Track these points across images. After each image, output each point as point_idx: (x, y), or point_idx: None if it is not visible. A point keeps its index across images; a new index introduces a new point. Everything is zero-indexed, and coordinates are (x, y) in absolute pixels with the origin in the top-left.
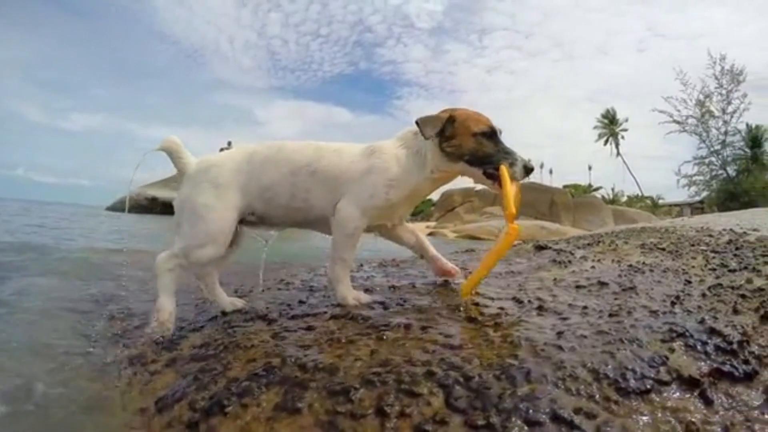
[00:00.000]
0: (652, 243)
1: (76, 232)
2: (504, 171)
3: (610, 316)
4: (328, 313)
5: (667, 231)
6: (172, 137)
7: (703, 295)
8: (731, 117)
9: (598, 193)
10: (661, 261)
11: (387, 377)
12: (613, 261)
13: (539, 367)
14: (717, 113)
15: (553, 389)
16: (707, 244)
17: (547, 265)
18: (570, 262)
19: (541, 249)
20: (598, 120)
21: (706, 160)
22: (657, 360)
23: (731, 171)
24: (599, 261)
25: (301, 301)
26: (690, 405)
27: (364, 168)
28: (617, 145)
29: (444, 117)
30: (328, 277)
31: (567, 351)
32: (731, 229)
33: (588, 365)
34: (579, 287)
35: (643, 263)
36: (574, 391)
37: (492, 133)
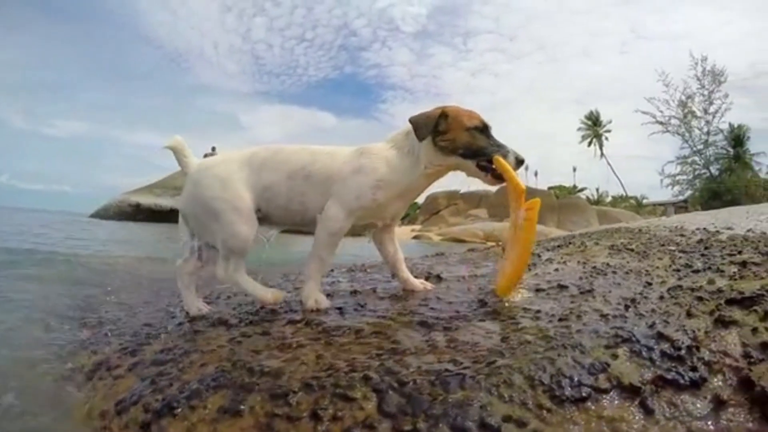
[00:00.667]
0: (622, 244)
1: (57, 238)
2: (500, 159)
3: (560, 320)
4: (286, 318)
5: (640, 231)
6: (177, 137)
7: (661, 297)
8: (713, 117)
9: (582, 194)
10: (627, 262)
11: (325, 382)
12: (578, 263)
13: (476, 373)
14: (699, 113)
15: (486, 396)
16: (677, 244)
17: None
18: (535, 264)
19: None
20: (582, 121)
21: (689, 160)
22: (597, 367)
23: (714, 170)
24: (565, 263)
25: (263, 307)
26: (628, 414)
27: (353, 169)
28: (601, 146)
29: (436, 114)
30: (302, 273)
31: (507, 356)
32: (704, 228)
33: (525, 371)
34: (539, 290)
35: (608, 265)
36: (507, 398)
37: (484, 128)
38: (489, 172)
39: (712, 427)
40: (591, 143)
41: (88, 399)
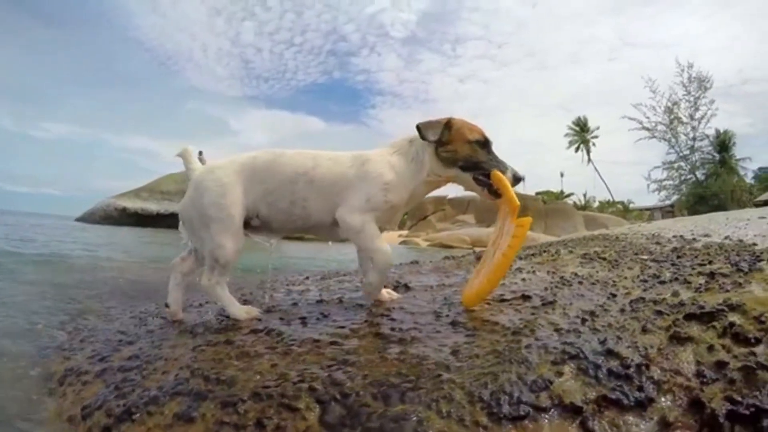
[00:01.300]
0: (595, 252)
1: (42, 241)
2: (497, 173)
3: (513, 334)
4: (250, 328)
5: (617, 239)
6: (186, 146)
7: (622, 310)
8: (699, 123)
9: (570, 200)
10: (597, 272)
11: (274, 391)
12: (548, 272)
13: (418, 387)
14: (685, 119)
15: (425, 410)
16: (651, 253)
17: None
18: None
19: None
20: (570, 127)
21: (675, 165)
22: (540, 384)
23: (700, 175)
24: (534, 272)
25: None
26: None
27: (359, 175)
28: (588, 152)
29: (443, 122)
30: (372, 269)
31: (453, 371)
32: (681, 236)
33: (467, 387)
34: (503, 301)
35: (576, 275)
36: (445, 414)
37: (485, 143)
38: (486, 187)
39: None
40: (578, 149)
41: (60, 403)
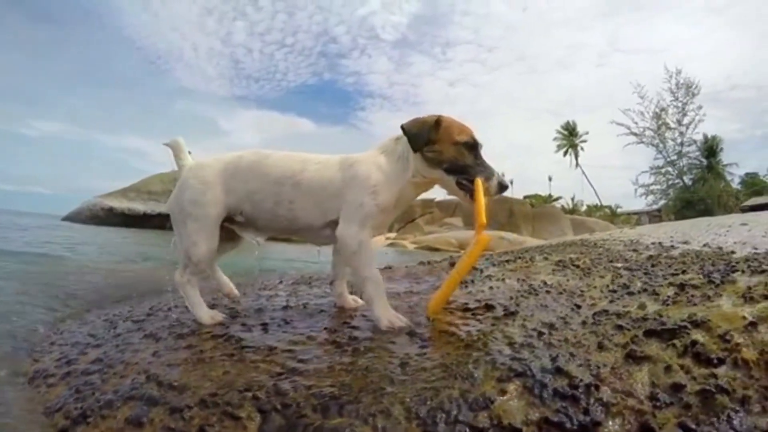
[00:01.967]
0: (570, 259)
1: (25, 240)
2: (479, 183)
3: (466, 346)
4: (211, 332)
5: (595, 245)
6: (177, 138)
7: (583, 323)
8: (687, 128)
9: (558, 203)
10: (567, 280)
11: (220, 399)
12: (518, 280)
13: (358, 400)
14: (673, 125)
15: (360, 425)
16: (626, 261)
17: None
18: (473, 281)
19: (454, 266)
20: (558, 131)
21: (663, 170)
22: (481, 402)
23: (687, 180)
24: (503, 280)
25: (194, 320)
26: None
27: (347, 180)
28: (576, 156)
29: (431, 121)
30: (364, 300)
31: (397, 384)
32: (660, 243)
33: (406, 402)
34: (466, 310)
35: (545, 283)
36: (380, 429)
37: (473, 145)
38: (469, 192)
39: None
40: (567, 153)
41: (27, 405)
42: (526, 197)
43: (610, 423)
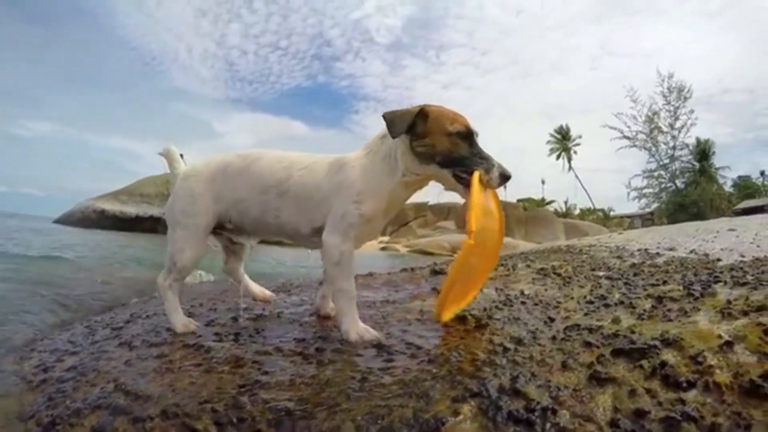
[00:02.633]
0: (552, 267)
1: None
2: (476, 179)
3: (429, 361)
4: (184, 341)
5: (580, 251)
6: (170, 146)
7: (553, 338)
8: (679, 132)
9: (551, 207)
10: (546, 290)
11: (180, 410)
12: (496, 289)
13: (312, 416)
14: (665, 129)
15: None
16: (609, 269)
17: (425, 293)
18: None
19: (435, 274)
20: (551, 135)
21: (656, 174)
22: (431, 424)
23: (680, 183)
24: (481, 289)
25: (169, 329)
26: None
27: (333, 187)
28: (569, 159)
29: (413, 111)
30: (335, 311)
31: (353, 400)
32: (646, 249)
33: (357, 420)
34: (439, 321)
35: (522, 293)
36: None
37: (468, 134)
38: (468, 186)
39: None
40: (559, 156)
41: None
42: (519, 200)
43: None
